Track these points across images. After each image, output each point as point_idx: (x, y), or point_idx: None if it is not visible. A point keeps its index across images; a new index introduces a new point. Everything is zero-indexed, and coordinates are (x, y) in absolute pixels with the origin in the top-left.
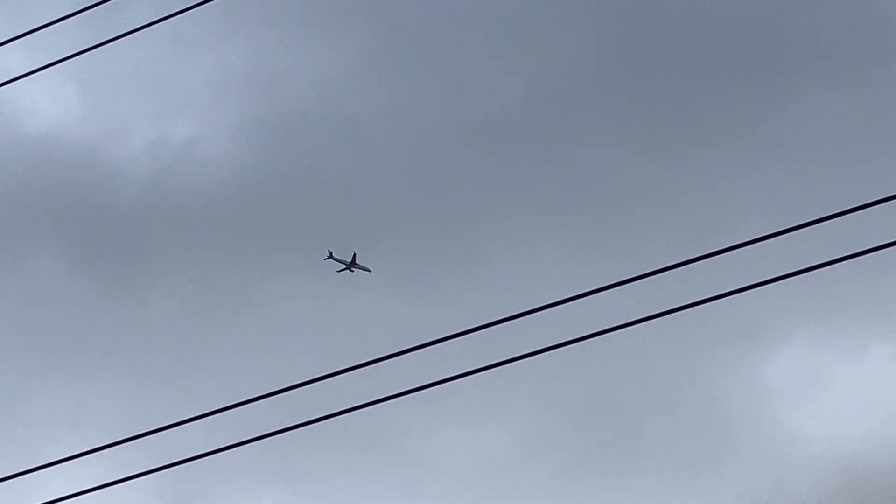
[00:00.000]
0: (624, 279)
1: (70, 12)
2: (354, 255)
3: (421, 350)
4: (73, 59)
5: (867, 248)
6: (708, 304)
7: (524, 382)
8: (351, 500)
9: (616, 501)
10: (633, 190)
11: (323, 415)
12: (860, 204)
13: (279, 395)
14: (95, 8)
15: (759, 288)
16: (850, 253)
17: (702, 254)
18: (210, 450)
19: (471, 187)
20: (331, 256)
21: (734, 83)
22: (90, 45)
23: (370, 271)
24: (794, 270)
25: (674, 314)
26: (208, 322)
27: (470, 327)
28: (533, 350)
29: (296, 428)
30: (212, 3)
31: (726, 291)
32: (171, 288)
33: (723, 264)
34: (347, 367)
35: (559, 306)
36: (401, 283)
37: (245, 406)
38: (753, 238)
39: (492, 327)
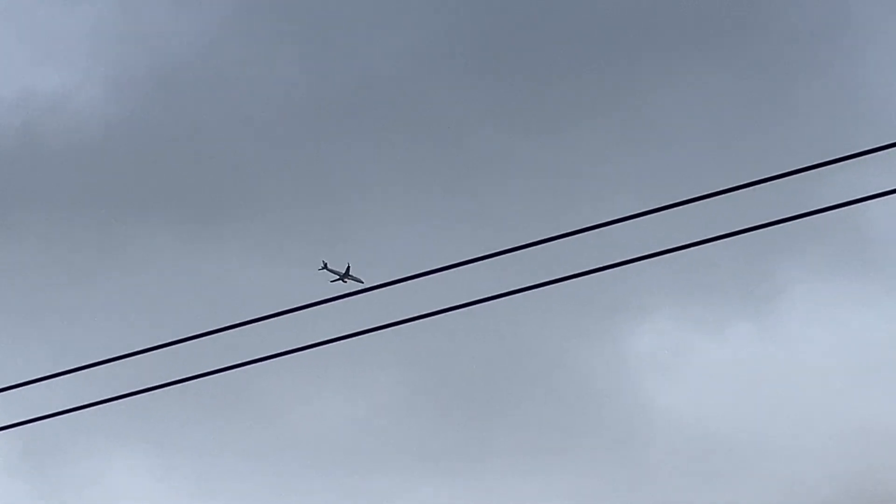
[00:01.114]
0: (495, 251)
1: None
2: (349, 266)
3: (288, 314)
4: None
5: (733, 230)
6: (576, 279)
7: (393, 350)
8: (214, 463)
9: (481, 472)
10: (507, 164)
11: (188, 376)
12: (730, 186)
13: (143, 354)
14: None
15: (626, 265)
16: (716, 234)
17: (571, 229)
18: (71, 407)
19: (343, 153)
20: (325, 267)
21: (611, 60)
22: None
23: (363, 282)
24: (660, 250)
25: (542, 288)
26: (74, 278)
27: (339, 293)
28: (402, 318)
29: (160, 388)
30: None
31: (594, 268)
32: (38, 242)
33: (591, 240)
34: (214, 328)
35: (430, 276)
36: (270, 247)
37: (108, 364)
38: (624, 216)
39: (362, 294)
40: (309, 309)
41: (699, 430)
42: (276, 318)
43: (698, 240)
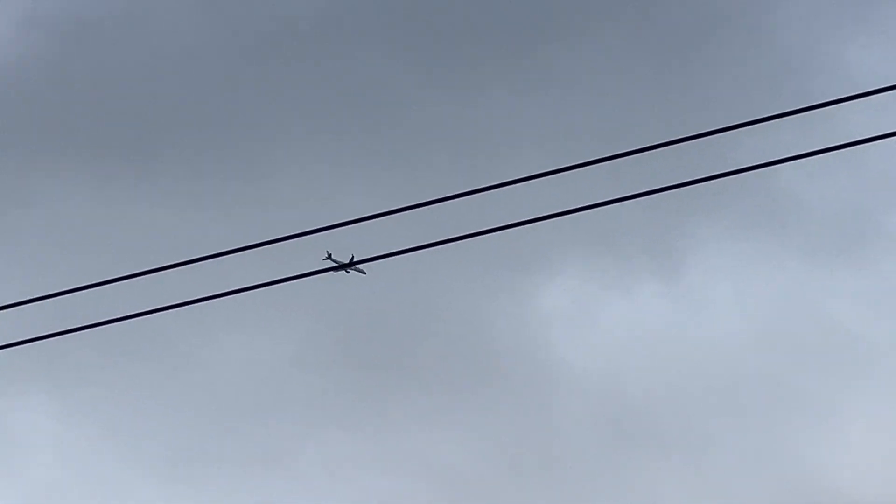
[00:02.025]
0: (405, 206)
1: None
2: (352, 257)
3: (200, 262)
4: None
5: (644, 189)
6: (485, 235)
7: (301, 299)
8: (118, 407)
9: (385, 425)
10: (417, 120)
11: (98, 321)
12: (641, 147)
13: (49, 299)
14: None
15: (534, 220)
16: (627, 195)
17: (481, 186)
18: None
19: (257, 100)
20: (329, 258)
21: (521, 17)
22: None
23: (364, 273)
24: (571, 208)
25: (452, 243)
26: None
27: (250, 242)
28: (312, 270)
29: (66, 333)
30: None
31: (504, 224)
32: None
33: (501, 197)
34: (122, 275)
35: (340, 228)
36: (180, 193)
37: (13, 308)
38: (535, 173)
39: (273, 244)
40: (217, 258)
41: (606, 388)
42: (183, 266)
43: (609, 199)
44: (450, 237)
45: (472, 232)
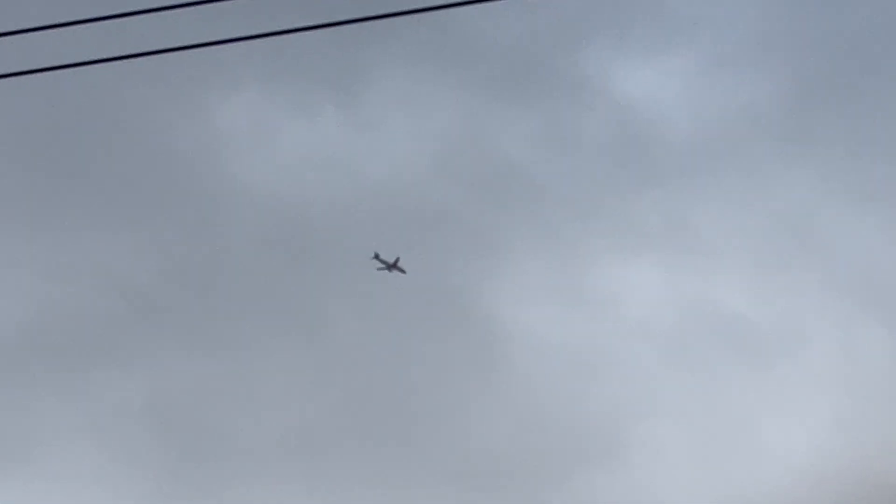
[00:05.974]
0: (84, 18)
1: None
2: (398, 258)
3: None
4: None
5: (327, 21)
6: (168, 53)
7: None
8: None
9: (55, 229)
10: None
11: None
12: None
13: None
14: None
15: (216, 42)
16: (312, 24)
17: (159, 6)
18: None
19: None
20: (376, 257)
21: None
22: None
23: (405, 273)
24: (251, 34)
25: (138, 58)
26: None
27: None
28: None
29: None
30: None
31: (188, 44)
32: None
33: (186, 14)
34: None
35: (8, 36)
36: None
37: None
38: None
39: None
40: None
41: (279, 209)
42: None
43: (289, 28)
44: (128, 53)
45: (151, 50)
